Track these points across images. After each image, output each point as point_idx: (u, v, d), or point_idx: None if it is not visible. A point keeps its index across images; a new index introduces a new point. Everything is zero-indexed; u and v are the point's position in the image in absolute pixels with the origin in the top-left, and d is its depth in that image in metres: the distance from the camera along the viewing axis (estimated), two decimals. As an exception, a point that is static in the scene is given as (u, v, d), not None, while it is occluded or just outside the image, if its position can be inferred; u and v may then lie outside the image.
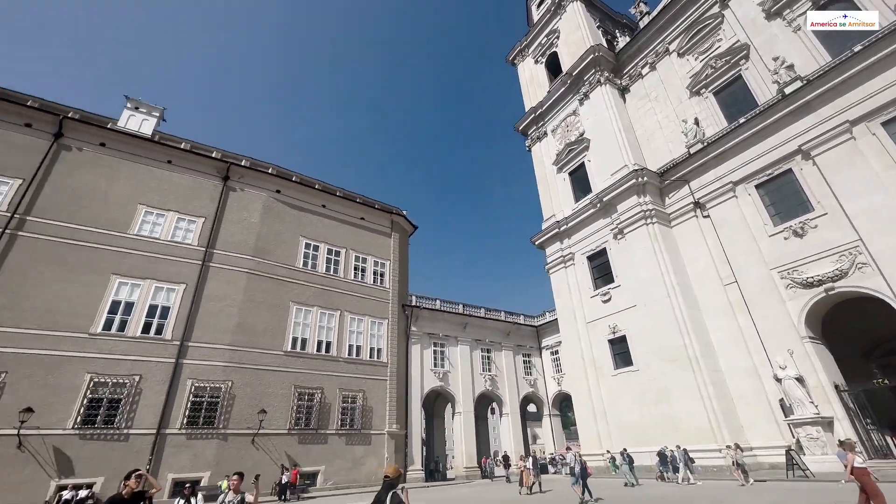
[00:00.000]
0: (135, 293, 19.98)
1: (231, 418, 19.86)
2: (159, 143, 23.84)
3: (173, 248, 21.71)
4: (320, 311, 24.77)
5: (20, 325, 17.23)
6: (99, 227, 20.31)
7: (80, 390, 17.30)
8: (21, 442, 15.73)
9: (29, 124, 20.70)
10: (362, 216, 29.69)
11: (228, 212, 24.22)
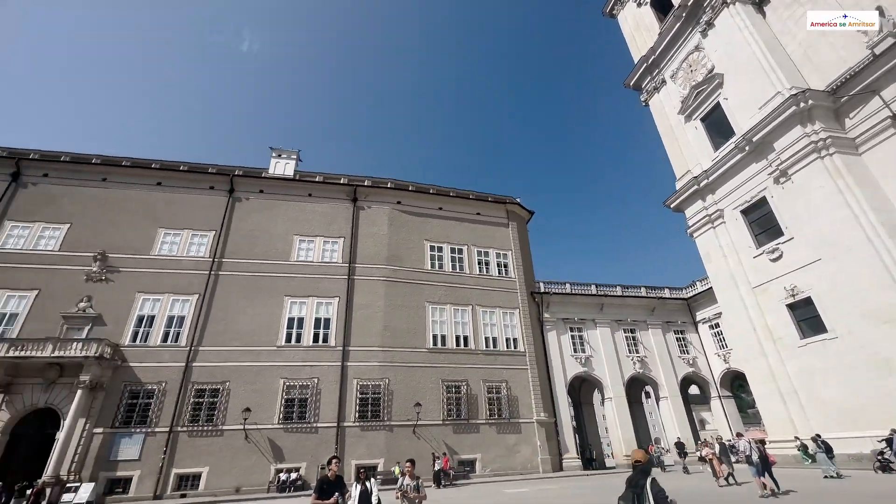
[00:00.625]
0: (303, 309, 23.70)
1: (393, 411, 22.12)
2: (300, 181, 27.86)
3: (324, 268, 25.14)
4: (453, 308, 25.98)
5: (233, 343, 21.92)
6: (269, 259, 24.66)
7: (278, 393, 21.24)
8: (246, 435, 19.98)
9: (212, 186, 26.23)
10: (478, 211, 30.22)
11: (361, 228, 27.05)
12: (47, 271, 21.89)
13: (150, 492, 18.38)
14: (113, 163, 25.78)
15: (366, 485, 6.34)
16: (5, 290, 21.10)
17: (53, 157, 25.17)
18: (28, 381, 19.12)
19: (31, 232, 22.85)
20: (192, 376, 20.88)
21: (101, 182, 25.04)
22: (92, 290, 21.81)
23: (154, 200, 25.12)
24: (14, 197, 23.56)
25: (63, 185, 24.48)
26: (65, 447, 17.99)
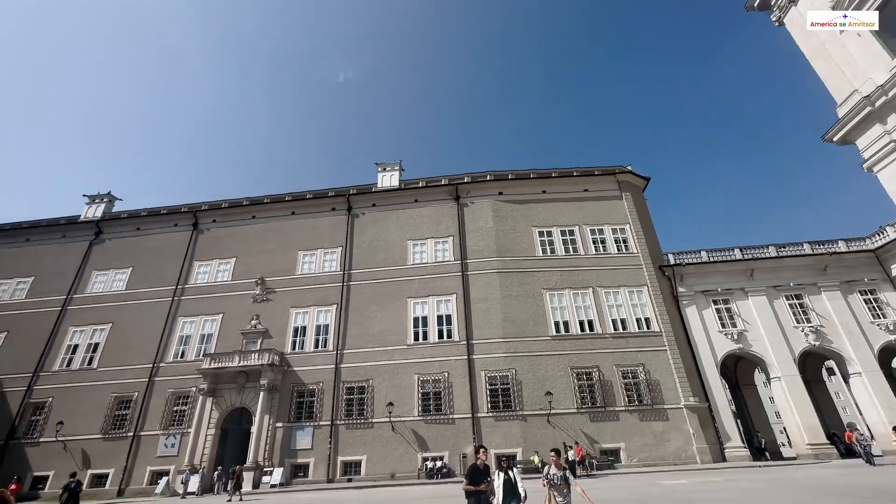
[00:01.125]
0: (425, 308, 25.11)
1: (524, 401, 22.10)
2: (405, 189, 29.56)
3: (439, 267, 26.28)
4: (572, 292, 24.90)
5: (370, 345, 24.30)
6: (389, 266, 26.70)
7: (414, 387, 22.88)
8: (393, 427, 21.94)
9: (333, 208, 29.43)
10: (585, 188, 28.46)
11: (468, 224, 27.61)
12: (226, 298, 27.00)
13: (324, 476, 21.39)
14: (257, 202, 30.62)
15: (508, 473, 6.40)
16: (202, 315, 26.62)
17: (216, 206, 30.90)
18: (226, 386, 23.81)
19: (210, 268, 28.43)
20: (342, 376, 23.69)
21: (251, 219, 29.98)
22: (258, 309, 26.24)
23: (291, 228, 29.19)
24: (196, 242, 29.57)
25: (226, 227, 29.93)
26: (258, 439, 22.00)
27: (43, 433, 24.01)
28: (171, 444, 23.05)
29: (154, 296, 27.67)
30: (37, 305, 28.25)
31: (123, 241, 30.34)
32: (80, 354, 26.32)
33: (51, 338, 26.84)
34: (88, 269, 29.34)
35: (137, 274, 28.73)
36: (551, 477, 6.49)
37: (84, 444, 23.46)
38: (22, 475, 22.67)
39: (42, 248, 30.80)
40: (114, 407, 24.36)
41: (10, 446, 23.94)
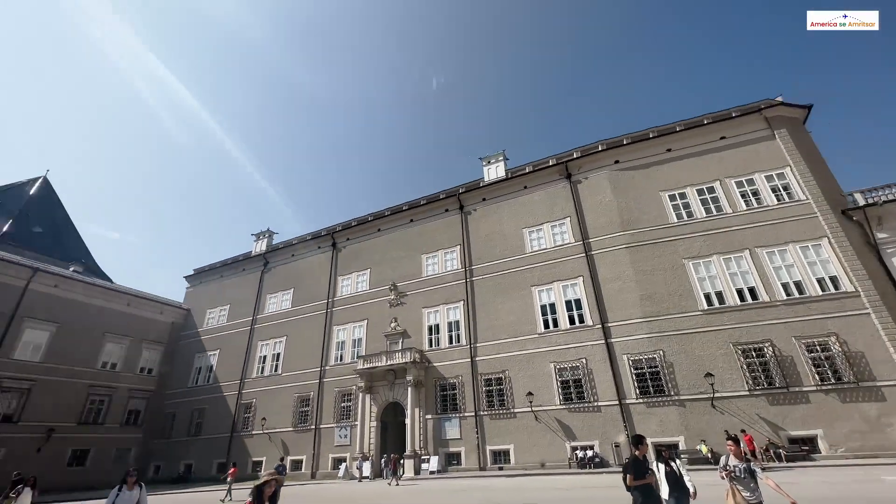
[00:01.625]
0: (551, 295, 24.43)
1: (678, 384, 19.87)
2: (513, 178, 29.20)
3: (559, 251, 25.30)
4: (721, 258, 21.53)
5: (500, 337, 24.61)
6: (508, 256, 26.67)
7: (551, 376, 22.42)
8: (536, 416, 21.84)
9: (446, 209, 30.62)
10: (720, 136, 24.37)
11: (584, 202, 26.01)
12: (368, 305, 30.20)
13: (475, 465, 22.35)
14: (379, 216, 33.52)
15: (671, 465, 5.79)
16: (350, 323, 30.24)
17: (347, 225, 34.78)
18: (379, 383, 26.60)
19: (351, 280, 32.12)
20: (478, 369, 24.46)
21: (377, 232, 32.99)
22: (395, 313, 28.73)
23: (412, 234, 31.27)
24: (337, 260, 33.71)
25: (358, 242, 33.48)
26: (412, 430, 24.07)
27: (253, 427, 30.05)
28: (344, 434, 26.69)
29: (312, 310, 32.39)
30: (234, 327, 35.50)
31: (284, 267, 36.22)
32: (269, 363, 32.26)
33: (247, 351, 33.45)
34: (263, 294, 35.75)
35: (298, 293, 33.99)
36: (731, 469, 5.68)
37: (282, 435, 28.67)
38: (244, 460, 28.81)
39: (231, 280, 38.60)
40: (297, 405, 29.24)
41: (234, 438, 30.53)
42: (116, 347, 33.15)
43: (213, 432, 31.71)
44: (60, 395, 28.92)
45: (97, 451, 30.18)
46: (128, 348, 33.82)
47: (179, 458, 31.79)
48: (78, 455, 29.22)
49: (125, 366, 33.40)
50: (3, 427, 26.10)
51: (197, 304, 39.16)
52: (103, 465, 30.12)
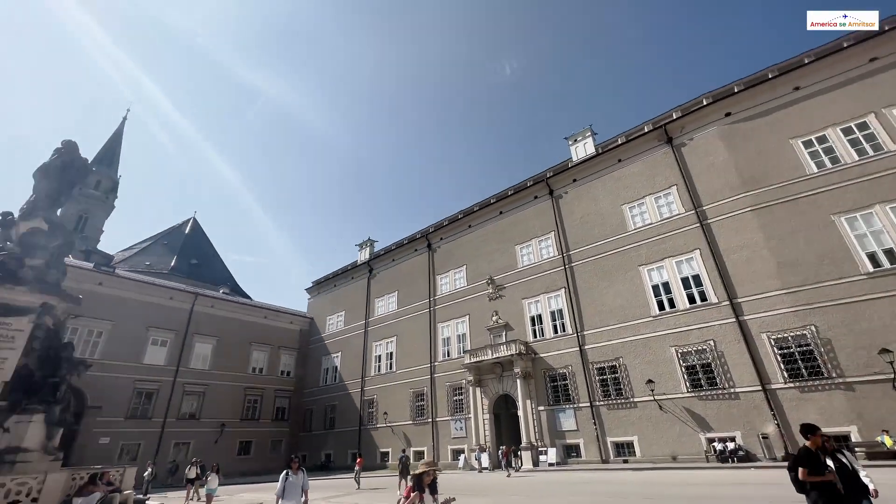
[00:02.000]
0: (662, 274, 22.26)
1: (840, 365, 16.60)
2: (604, 153, 27.23)
3: (667, 225, 22.94)
4: (887, 208, 17.42)
5: (609, 322, 23.18)
6: (608, 237, 24.97)
7: (673, 361, 20.43)
8: (660, 406, 20.10)
9: (536, 196, 29.79)
10: (870, 57, 19.73)
11: (692, 166, 23.21)
12: (467, 301, 30.77)
13: (596, 457, 21.36)
14: (469, 212, 33.90)
15: (839, 458, 4.85)
16: (453, 319, 31.11)
17: (440, 226, 35.81)
18: (487, 376, 26.92)
19: (449, 278, 33.01)
20: (589, 357, 23.33)
21: (468, 228, 33.41)
22: (495, 306, 28.81)
23: (503, 226, 31.04)
24: (433, 260, 34.94)
25: (451, 241, 34.28)
26: (525, 421, 23.89)
27: (377, 421, 32.65)
28: (459, 427, 27.57)
29: (416, 310, 34.05)
30: (351, 330, 38.96)
31: (387, 272, 38.67)
32: (384, 362, 34.75)
33: (364, 352, 36.45)
34: (372, 298, 38.60)
35: (402, 295, 36.01)
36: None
37: (403, 428, 30.67)
38: (373, 451, 31.50)
39: (343, 288, 42.42)
40: (413, 400, 31.01)
41: (362, 430, 33.51)
42: (260, 354, 38.68)
43: (344, 426, 35.23)
44: (226, 396, 34.70)
45: (256, 442, 35.58)
46: (269, 354, 39.23)
47: (320, 448, 35.91)
48: (244, 445, 34.76)
49: (269, 369, 38.82)
50: (190, 423, 32.18)
51: (318, 313, 43.84)
52: (263, 454, 35.43)
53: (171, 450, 30.48)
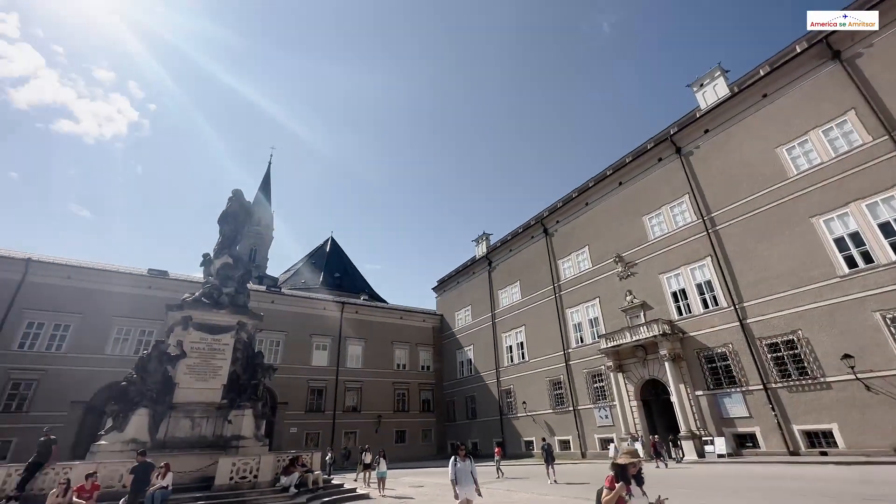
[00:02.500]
0: (847, 223, 17.87)
1: None
2: (745, 89, 22.92)
3: (848, 161, 18.33)
4: None
5: (778, 290, 19.49)
6: (760, 190, 21.02)
7: (879, 328, 16.21)
8: (867, 386, 16.13)
9: (660, 158, 26.64)
10: None
11: (876, 81, 18.11)
12: (595, 283, 29.03)
13: (780, 448, 18.13)
14: (583, 189, 31.90)
15: None
16: (581, 303, 29.66)
17: (553, 208, 34.45)
18: (628, 361, 25.02)
19: (571, 261, 31.56)
20: (754, 333, 19.96)
21: (585, 206, 31.46)
22: (627, 285, 26.60)
23: (624, 197, 28.47)
24: (552, 244, 33.79)
25: (568, 222, 32.71)
26: (681, 408, 21.51)
27: (516, 411, 32.95)
28: (605, 415, 26.18)
29: (541, 297, 33.37)
30: (479, 324, 40.03)
31: (506, 263, 38.71)
32: (515, 352, 34.90)
33: (494, 343, 37.12)
34: (495, 291, 39.06)
35: (524, 284, 35.68)
36: None
37: (544, 417, 30.39)
38: (517, 440, 31.93)
39: (466, 284, 43.82)
40: (551, 388, 30.48)
41: (503, 420, 34.18)
42: (402, 352, 42.29)
43: (484, 416, 36.40)
44: (378, 391, 38.83)
45: (409, 431, 39.04)
46: (409, 352, 42.66)
47: (466, 437, 37.72)
48: (399, 434, 38.46)
49: (411, 365, 42.22)
50: (353, 415, 36.85)
51: (446, 309, 46.10)
52: (416, 442, 38.75)
53: (343, 438, 35.31)
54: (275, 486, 12.58)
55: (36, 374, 26.57)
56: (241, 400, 14.59)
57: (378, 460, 15.64)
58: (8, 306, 26.78)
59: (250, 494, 11.90)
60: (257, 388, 15.19)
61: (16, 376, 26.11)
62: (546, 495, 12.73)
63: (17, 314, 27.00)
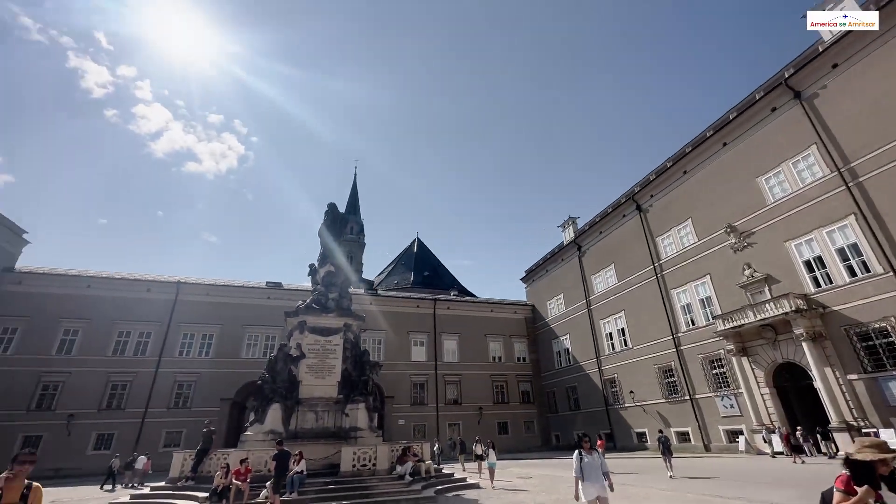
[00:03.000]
0: None
1: None
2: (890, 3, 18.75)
3: None
4: None
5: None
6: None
7: None
8: None
9: (773, 108, 23.00)
10: None
11: None
12: (703, 258, 26.10)
13: (981, 442, 14.55)
14: (679, 157, 28.77)
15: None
16: (689, 282, 26.92)
17: (646, 182, 31.65)
18: (753, 342, 22.11)
19: (672, 238, 28.74)
20: (926, 302, 16.29)
21: (683, 175, 28.42)
22: (744, 258, 23.47)
23: (731, 159, 25.15)
24: (647, 222, 31.12)
25: (664, 196, 29.84)
26: (829, 395, 18.36)
27: (623, 400, 31.07)
28: (729, 404, 23.47)
29: (639, 279, 30.99)
30: (573, 311, 38.48)
31: (597, 247, 36.63)
32: (616, 339, 32.92)
33: (592, 331, 35.36)
34: (587, 276, 37.21)
35: (619, 267, 33.43)
36: None
37: (656, 406, 28.24)
38: (626, 431, 30.15)
39: (556, 272, 42.38)
40: (661, 376, 28.19)
41: (609, 411, 32.48)
42: (496, 344, 42.43)
43: (589, 406, 34.94)
44: (477, 383, 39.44)
45: (511, 423, 39.06)
46: (503, 344, 42.63)
47: (570, 428, 36.61)
48: (501, 426, 38.69)
49: (506, 357, 42.16)
50: (454, 407, 37.95)
51: (537, 299, 45.11)
52: (518, 433, 38.66)
53: (447, 429, 36.58)
54: (391, 474, 13.51)
55: (193, 377, 31.88)
56: (354, 395, 15.91)
57: (487, 451, 15.87)
58: (168, 321, 32.50)
59: (371, 481, 12.93)
60: (367, 383, 16.42)
61: (180, 379, 31.60)
62: (667, 491, 11.83)
63: (175, 328, 32.63)
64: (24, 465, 3.45)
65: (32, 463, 3.51)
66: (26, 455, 3.51)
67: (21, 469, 3.41)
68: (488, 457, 15.63)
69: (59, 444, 27.56)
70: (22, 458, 3.48)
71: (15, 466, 3.41)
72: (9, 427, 26.94)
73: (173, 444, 28.89)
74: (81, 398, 29.01)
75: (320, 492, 11.92)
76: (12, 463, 3.43)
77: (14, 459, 3.44)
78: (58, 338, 30.07)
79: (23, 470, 3.42)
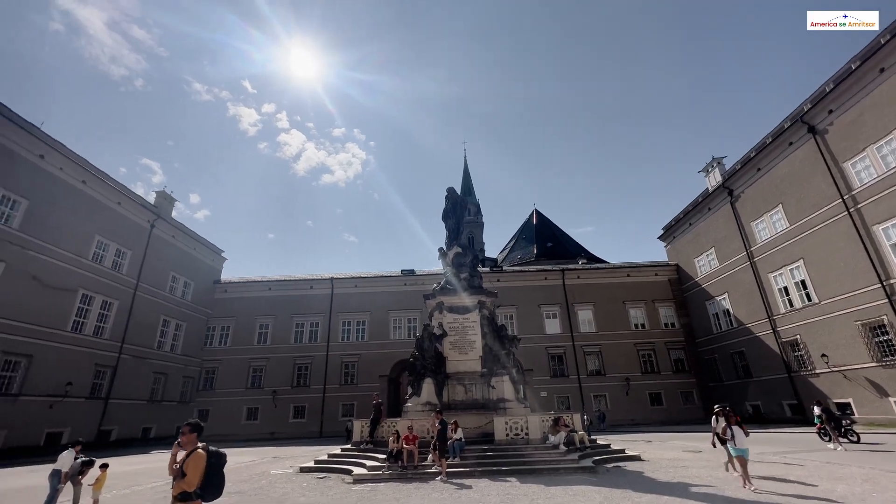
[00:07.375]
0: None
1: None
2: None
3: None
4: None
5: None
6: None
7: None
8: None
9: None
10: None
11: None
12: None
13: None
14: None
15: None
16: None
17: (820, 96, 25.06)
18: None
19: (869, 158, 22.38)
20: None
21: (880, 74, 21.64)
22: None
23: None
24: (825, 144, 24.76)
25: (851, 108, 23.24)
26: None
27: (813, 366, 25.86)
28: None
29: (821, 219, 24.97)
30: (730, 267, 33.05)
31: (754, 188, 30.51)
32: (794, 293, 27.35)
33: (759, 286, 30.01)
34: (745, 223, 31.50)
35: (789, 206, 27.43)
36: None
37: (862, 372, 22.85)
38: (822, 402, 25.09)
39: (702, 224, 36.85)
40: (868, 335, 22.63)
41: (794, 378, 27.40)
42: (637, 311, 39.20)
43: (764, 373, 30.03)
44: (619, 353, 37.15)
45: (665, 394, 35.94)
46: (645, 310, 39.13)
47: (742, 399, 32.00)
48: (654, 396, 35.89)
49: (651, 324, 38.66)
50: (598, 378, 36.47)
51: (681, 258, 40.05)
52: (675, 404, 35.51)
53: (592, 401, 35.44)
54: (545, 444, 13.64)
55: (355, 358, 36.85)
56: (497, 368, 16.41)
57: (731, 430, 8.93)
58: (329, 312, 38.02)
59: (526, 449, 13.26)
60: (508, 356, 16.78)
61: (345, 360, 36.88)
62: None
63: (335, 317, 38.05)
64: (184, 435, 3.98)
65: (193, 432, 3.99)
66: (184, 426, 4.06)
67: (186, 438, 3.95)
68: (734, 439, 8.85)
69: (270, 414, 34.88)
70: (183, 428, 4.04)
71: (181, 437, 4.01)
72: (235, 401, 35.20)
73: (348, 414, 34.02)
74: (279, 378, 36.11)
75: (480, 458, 12.68)
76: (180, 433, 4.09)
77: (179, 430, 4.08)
78: (256, 332, 37.79)
79: (188, 439, 3.94)
